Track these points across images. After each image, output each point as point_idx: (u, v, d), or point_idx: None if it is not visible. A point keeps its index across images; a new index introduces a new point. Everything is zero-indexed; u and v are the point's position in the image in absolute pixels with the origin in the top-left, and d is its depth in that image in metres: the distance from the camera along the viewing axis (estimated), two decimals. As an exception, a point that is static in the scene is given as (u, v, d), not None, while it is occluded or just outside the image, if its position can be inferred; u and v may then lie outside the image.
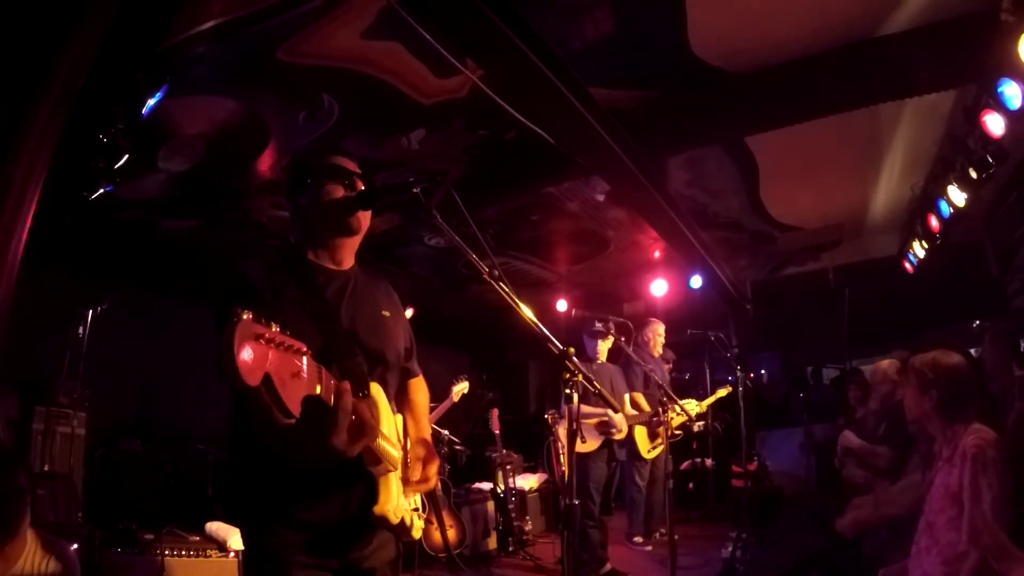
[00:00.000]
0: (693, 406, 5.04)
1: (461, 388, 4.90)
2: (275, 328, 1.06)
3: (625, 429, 4.80)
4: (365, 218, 1.65)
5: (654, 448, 5.16)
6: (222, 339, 0.96)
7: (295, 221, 1.69)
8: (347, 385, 1.24)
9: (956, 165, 4.47)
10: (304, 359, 1.12)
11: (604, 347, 4.83)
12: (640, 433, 5.06)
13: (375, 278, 1.77)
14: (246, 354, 0.98)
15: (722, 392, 5.58)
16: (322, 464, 1.30)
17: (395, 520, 1.51)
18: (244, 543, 1.53)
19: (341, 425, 1.22)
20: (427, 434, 1.77)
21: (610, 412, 4.63)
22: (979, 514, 2.04)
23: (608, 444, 4.76)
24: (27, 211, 2.11)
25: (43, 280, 4.31)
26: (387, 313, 1.70)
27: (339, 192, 1.60)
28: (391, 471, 1.52)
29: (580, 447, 4.57)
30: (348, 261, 1.68)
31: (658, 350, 5.46)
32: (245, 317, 0.99)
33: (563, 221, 6.24)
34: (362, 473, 1.47)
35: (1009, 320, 5.20)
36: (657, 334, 5.41)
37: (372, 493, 1.49)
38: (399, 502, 1.53)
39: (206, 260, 5.53)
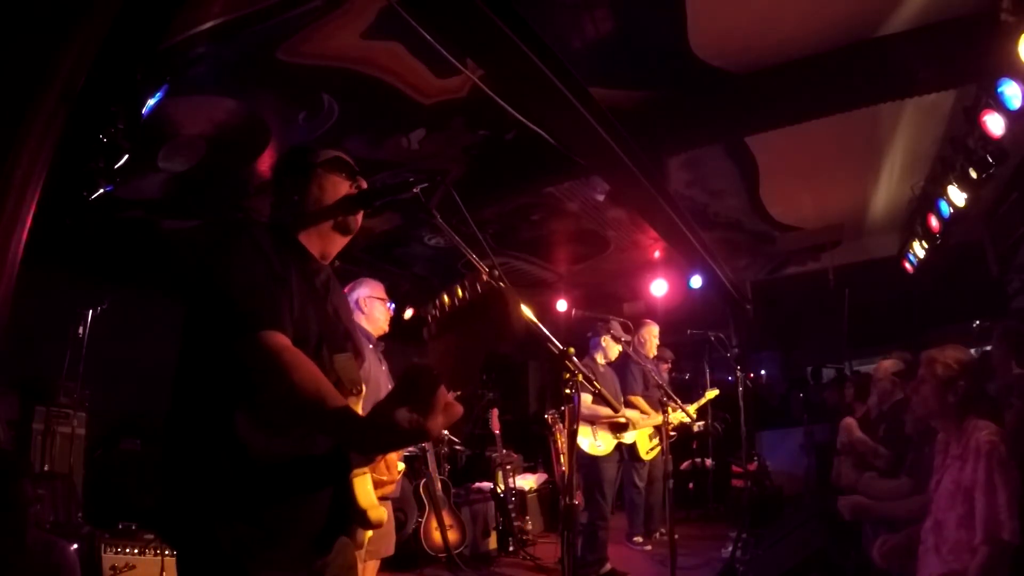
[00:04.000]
0: (680, 415, 4.94)
1: None
2: None
3: (636, 432, 4.88)
4: (360, 218, 1.64)
5: (652, 449, 5.17)
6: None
7: (286, 205, 1.61)
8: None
9: (956, 165, 4.47)
10: None
11: (618, 349, 4.84)
12: (640, 434, 5.06)
13: (337, 280, 1.73)
14: None
15: (710, 394, 5.56)
16: (384, 450, 1.26)
17: (378, 521, 1.43)
18: (190, 559, 1.31)
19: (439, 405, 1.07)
20: None
21: (627, 413, 4.69)
22: (996, 510, 2.01)
23: (619, 445, 4.81)
24: (27, 211, 2.11)
25: (43, 280, 4.30)
26: (354, 318, 1.72)
27: (343, 187, 1.59)
28: (367, 473, 1.46)
29: (596, 451, 4.63)
30: (330, 258, 1.65)
31: (653, 351, 5.45)
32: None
33: (563, 221, 6.24)
34: (333, 475, 1.38)
35: (1012, 318, 5.19)
36: (652, 336, 5.40)
37: (345, 496, 1.38)
38: (374, 500, 1.46)
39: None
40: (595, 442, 4.64)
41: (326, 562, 1.42)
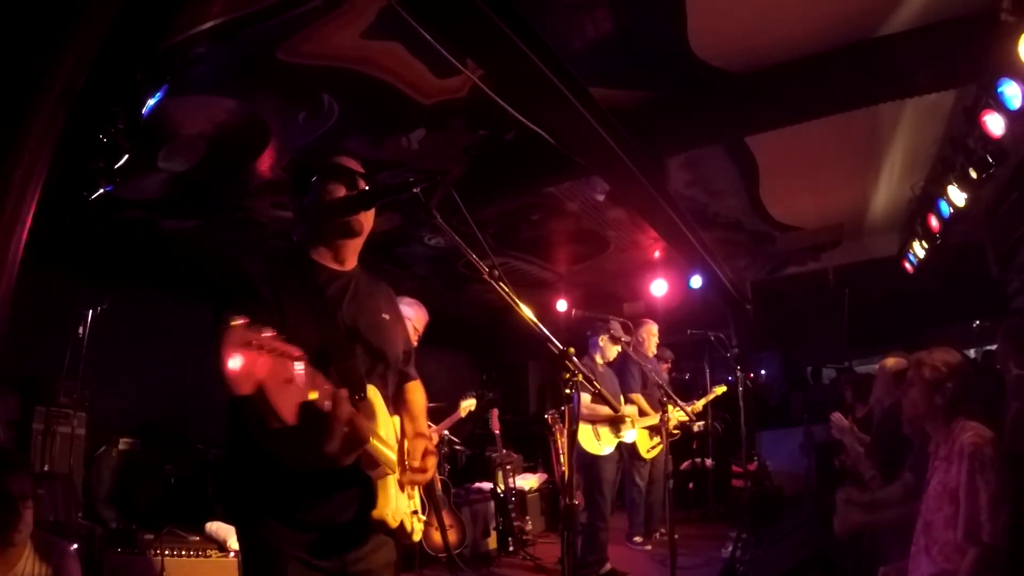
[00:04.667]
0: (680, 414, 5.00)
1: (468, 404, 4.89)
2: (269, 333, 1.05)
3: (635, 430, 4.85)
4: (367, 218, 1.65)
5: (653, 448, 5.17)
6: (213, 346, 0.97)
7: (298, 221, 1.69)
8: (344, 392, 1.24)
9: (956, 165, 4.48)
10: (297, 364, 1.11)
11: (616, 350, 4.83)
12: (641, 433, 5.06)
13: (377, 281, 1.77)
14: (236, 362, 0.98)
15: (719, 390, 5.58)
16: (316, 468, 1.31)
17: (394, 524, 1.51)
18: (240, 542, 1.51)
19: (335, 432, 1.23)
20: (425, 430, 1.77)
21: (625, 410, 4.68)
22: (976, 511, 2.04)
23: (619, 444, 4.80)
24: (27, 211, 2.11)
25: (43, 280, 4.31)
26: (387, 316, 1.71)
27: (340, 192, 1.60)
28: (388, 474, 1.52)
29: (597, 449, 4.61)
30: (351, 262, 1.68)
31: (652, 350, 5.46)
32: (236, 323, 1.00)
33: (563, 221, 6.24)
34: (360, 476, 1.47)
35: (1014, 317, 5.19)
36: (651, 334, 5.42)
37: (370, 496, 1.48)
38: (398, 505, 1.53)
39: (206, 260, 5.54)
40: (597, 441, 4.64)
41: (358, 555, 1.51)
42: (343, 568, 1.49)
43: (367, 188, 1.64)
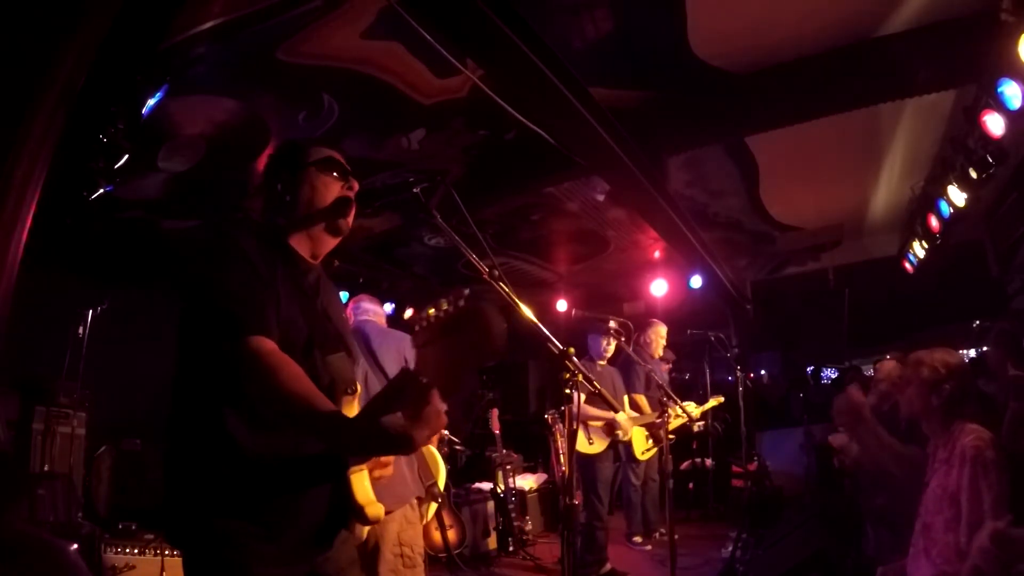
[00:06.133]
0: (692, 408, 5.03)
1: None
2: None
3: (631, 431, 4.82)
4: (351, 219, 1.63)
5: (648, 451, 5.16)
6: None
7: (277, 206, 1.58)
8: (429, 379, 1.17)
9: (956, 165, 4.47)
10: None
11: (612, 346, 4.82)
12: (637, 434, 5.06)
13: (330, 280, 1.73)
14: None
15: (714, 402, 5.56)
16: (366, 454, 1.26)
17: (380, 517, 1.44)
18: (192, 557, 1.33)
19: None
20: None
21: (619, 416, 4.62)
22: (979, 515, 2.03)
23: (614, 445, 4.78)
24: (27, 211, 2.11)
25: (43, 280, 4.31)
26: (344, 315, 1.71)
27: (336, 189, 1.57)
28: (366, 467, 1.46)
29: (588, 449, 4.58)
30: (320, 258, 1.64)
31: (659, 352, 5.45)
32: None
33: (563, 221, 6.25)
34: (329, 472, 1.39)
35: (1011, 319, 5.20)
36: (659, 336, 5.41)
37: (343, 493, 1.40)
38: (373, 496, 1.46)
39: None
40: (588, 441, 4.62)
41: (327, 557, 1.44)
42: (312, 570, 1.41)
43: (357, 188, 1.62)
